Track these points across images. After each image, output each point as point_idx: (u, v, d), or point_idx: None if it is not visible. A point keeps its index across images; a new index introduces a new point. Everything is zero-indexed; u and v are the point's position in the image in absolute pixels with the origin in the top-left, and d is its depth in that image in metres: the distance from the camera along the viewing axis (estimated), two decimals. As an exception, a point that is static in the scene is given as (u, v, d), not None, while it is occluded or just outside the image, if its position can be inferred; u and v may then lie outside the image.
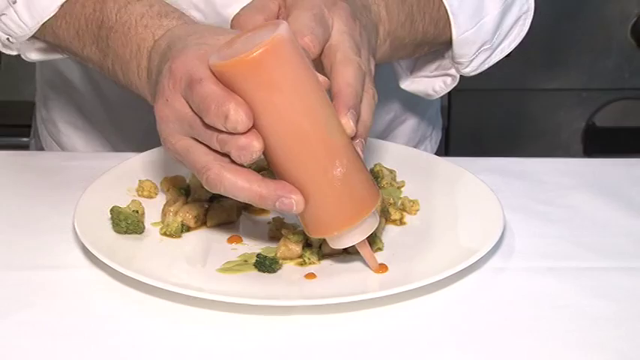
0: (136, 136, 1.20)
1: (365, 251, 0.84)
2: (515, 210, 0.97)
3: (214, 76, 0.77)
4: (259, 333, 0.80)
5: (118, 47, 0.92)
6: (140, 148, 1.05)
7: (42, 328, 0.80)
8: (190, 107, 0.79)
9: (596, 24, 2.29)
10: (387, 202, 0.95)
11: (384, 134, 1.25)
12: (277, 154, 0.79)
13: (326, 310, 0.81)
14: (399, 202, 0.97)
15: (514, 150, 2.36)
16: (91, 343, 0.78)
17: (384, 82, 1.21)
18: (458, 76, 1.09)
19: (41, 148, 1.31)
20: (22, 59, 1.06)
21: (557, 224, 0.96)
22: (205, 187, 0.80)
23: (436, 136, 1.35)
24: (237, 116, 0.76)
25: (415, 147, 1.27)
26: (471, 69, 1.07)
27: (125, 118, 1.21)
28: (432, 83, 1.12)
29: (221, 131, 0.77)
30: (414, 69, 1.12)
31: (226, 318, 0.81)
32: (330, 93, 0.81)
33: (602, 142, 2.41)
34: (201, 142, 0.80)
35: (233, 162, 0.79)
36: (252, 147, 0.77)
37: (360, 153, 0.82)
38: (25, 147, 1.41)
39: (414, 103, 1.27)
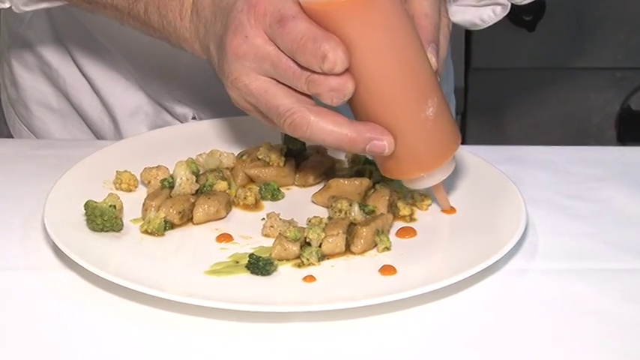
0: (122, 117, 1.21)
1: (440, 193, 0.93)
2: (538, 205, 0.98)
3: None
4: (252, 342, 0.80)
5: None
6: (126, 131, 1.06)
7: (8, 336, 0.80)
8: (275, 45, 0.83)
9: (632, -6, 2.29)
10: (395, 196, 0.96)
11: None
12: (368, 95, 0.85)
13: (326, 317, 0.82)
14: (409, 197, 0.98)
15: (538, 137, 2.37)
16: (62, 352, 0.79)
17: None
18: (509, 4, 1.13)
19: (8, 135, 1.32)
20: None
21: (585, 221, 0.97)
22: (286, 131, 0.85)
23: None
24: (336, 56, 0.80)
25: None
26: None
27: (110, 97, 1.22)
28: (479, 12, 1.15)
29: (312, 71, 0.81)
30: None
31: (215, 326, 0.82)
32: None
33: (637, 128, 2.41)
34: (281, 83, 0.84)
35: (316, 105, 0.84)
36: (346, 88, 0.82)
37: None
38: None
39: None
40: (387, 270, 0.87)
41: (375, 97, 0.85)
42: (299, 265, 0.88)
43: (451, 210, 0.94)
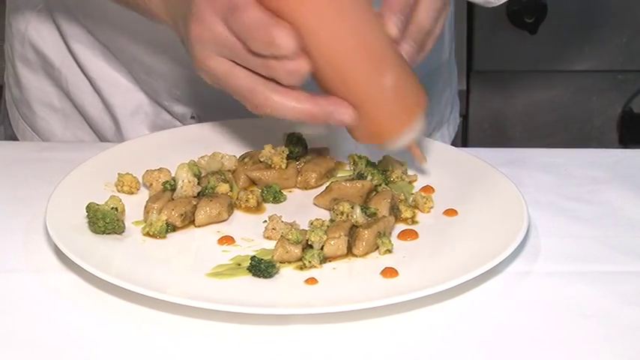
0: (122, 117, 1.21)
1: (414, 150, 0.96)
2: (540, 207, 0.98)
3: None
4: (254, 345, 0.80)
5: None
6: (126, 131, 1.06)
7: (9, 338, 0.80)
8: (231, 31, 0.85)
9: (634, -3, 2.29)
10: (397, 199, 0.96)
11: None
12: (326, 71, 0.87)
13: (328, 319, 0.82)
14: (411, 199, 0.98)
15: (540, 140, 2.36)
16: (63, 354, 0.79)
17: None
18: None
19: (12, 136, 1.32)
20: None
21: (587, 223, 0.97)
22: (251, 111, 0.87)
23: (454, 121, 1.36)
24: (285, 42, 0.83)
25: (431, 134, 1.28)
26: None
27: (111, 97, 1.22)
28: None
29: (267, 56, 0.84)
30: None
31: (217, 328, 0.81)
32: None
33: (639, 131, 2.41)
34: (242, 65, 0.86)
35: (279, 82, 0.86)
36: (301, 69, 0.85)
37: (407, 56, 0.91)
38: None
39: (429, 82, 1.28)
40: (389, 272, 0.87)
41: (331, 73, 0.88)
42: (301, 268, 0.88)
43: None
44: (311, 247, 0.89)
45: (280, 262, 0.88)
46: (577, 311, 0.84)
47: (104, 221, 0.90)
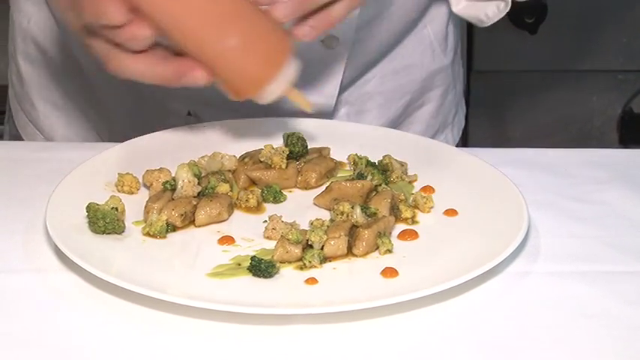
0: (120, 114, 1.21)
1: (293, 97, 0.95)
2: (541, 207, 0.98)
3: None
4: (254, 345, 0.80)
5: None
6: (124, 131, 1.06)
7: (10, 338, 0.80)
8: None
9: (634, -3, 2.29)
10: (397, 199, 0.96)
11: (399, 121, 1.26)
12: (170, 33, 0.88)
13: (329, 319, 0.82)
14: (411, 199, 0.97)
15: (540, 140, 2.37)
16: (64, 354, 0.79)
17: (398, 60, 1.23)
18: (510, 0, 1.14)
19: (16, 135, 1.32)
20: None
21: (588, 223, 0.97)
22: (113, 74, 0.90)
23: (459, 124, 1.37)
24: (111, 12, 0.84)
25: (434, 136, 1.28)
26: None
27: (108, 94, 1.22)
28: (484, 8, 1.17)
29: (106, 25, 0.86)
30: None
31: (217, 328, 0.81)
32: None
33: (639, 131, 2.42)
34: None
35: None
36: (140, 36, 0.87)
37: (281, 14, 0.90)
38: (-1, 136, 1.42)
39: (433, 85, 1.28)
40: (389, 272, 0.87)
41: (175, 36, 0.88)
42: (301, 268, 0.88)
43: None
44: (311, 247, 0.89)
45: (280, 262, 0.88)
46: (577, 311, 0.84)
47: (104, 221, 0.90)
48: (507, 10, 1.15)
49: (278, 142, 1.04)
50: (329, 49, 1.13)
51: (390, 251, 0.90)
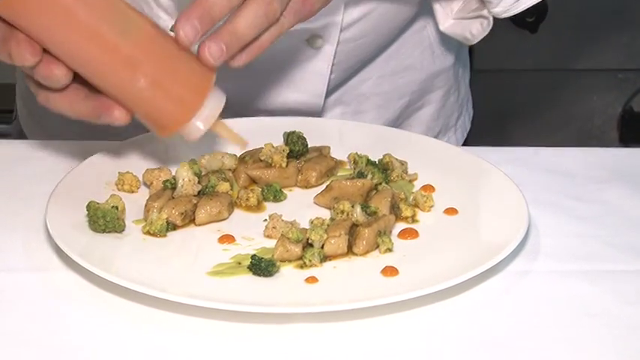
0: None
1: (223, 134, 0.92)
2: (541, 206, 0.98)
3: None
4: (254, 343, 0.80)
5: None
6: (124, 130, 1.05)
7: (10, 336, 0.80)
8: None
9: (634, -4, 2.29)
10: (397, 198, 0.96)
11: (397, 122, 1.26)
12: (83, 74, 0.86)
13: (329, 318, 0.82)
14: (411, 198, 0.97)
15: (540, 139, 2.37)
16: (64, 353, 0.79)
17: (396, 61, 1.23)
18: (491, 18, 1.14)
19: (21, 131, 1.32)
20: None
21: (588, 222, 0.97)
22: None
23: (463, 127, 1.36)
24: (20, 55, 0.83)
25: (435, 138, 1.28)
26: (502, 9, 1.12)
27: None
28: (469, 26, 1.17)
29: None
30: (455, 9, 1.17)
31: (217, 327, 0.81)
32: None
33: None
34: None
35: None
36: (54, 76, 0.85)
37: (210, 58, 0.86)
38: (7, 135, 1.42)
39: (433, 86, 1.28)
40: (389, 271, 0.87)
41: (87, 75, 0.87)
42: (301, 267, 0.88)
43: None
44: (311, 245, 0.89)
45: (280, 261, 0.88)
46: (578, 310, 0.84)
47: (104, 220, 0.90)
48: (490, 28, 1.16)
49: (278, 140, 1.04)
50: (314, 48, 1.13)
51: (390, 250, 0.90)
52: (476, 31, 1.17)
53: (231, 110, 1.09)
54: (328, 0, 0.93)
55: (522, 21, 2.25)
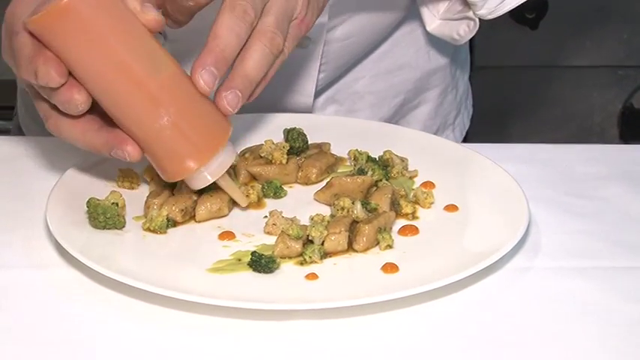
0: None
1: (227, 189, 0.92)
2: (541, 203, 0.98)
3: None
4: (254, 340, 0.80)
5: None
6: None
7: (10, 334, 0.80)
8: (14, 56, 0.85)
9: (634, -8, 2.29)
10: (397, 194, 0.96)
11: (393, 121, 1.26)
12: (104, 103, 0.85)
13: (329, 314, 0.82)
14: (411, 194, 0.97)
15: (540, 135, 2.37)
16: (64, 349, 0.79)
17: (390, 60, 1.23)
18: (477, 19, 1.14)
19: (20, 128, 1.32)
20: None
21: (588, 219, 0.97)
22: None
23: (461, 125, 1.36)
24: (47, 74, 0.82)
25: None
26: (487, 11, 1.12)
27: None
28: (456, 26, 1.17)
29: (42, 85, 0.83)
30: (442, 10, 1.17)
31: (218, 323, 0.82)
32: None
33: (640, 126, 2.42)
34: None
35: None
36: (74, 100, 0.83)
37: (229, 107, 0.86)
38: (7, 132, 1.42)
39: (429, 85, 1.28)
40: (389, 268, 0.87)
41: (108, 107, 0.85)
42: (301, 263, 0.88)
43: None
44: (311, 242, 0.89)
45: (281, 258, 0.88)
46: (578, 307, 0.84)
47: (105, 216, 0.90)
48: (477, 29, 1.15)
49: (278, 137, 1.04)
50: (302, 48, 1.13)
51: (390, 247, 0.90)
52: (463, 32, 1.17)
53: (242, 108, 1.09)
54: (320, 11, 0.93)
55: (523, 17, 2.25)
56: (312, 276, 0.86)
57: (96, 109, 0.86)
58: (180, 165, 0.88)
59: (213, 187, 0.95)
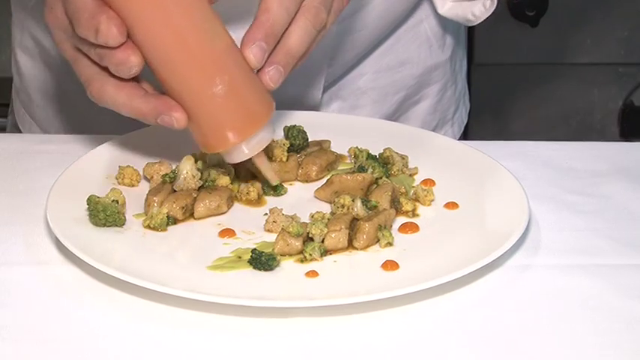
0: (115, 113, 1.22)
1: (261, 166, 0.93)
2: (541, 200, 0.98)
3: None
4: (254, 338, 0.80)
5: None
6: (120, 121, 1.05)
7: (11, 331, 0.80)
8: (67, 16, 0.85)
9: (635, -11, 2.29)
10: (398, 192, 0.96)
11: (394, 117, 1.26)
12: (158, 68, 0.86)
13: (329, 312, 0.82)
14: (412, 192, 0.97)
15: (540, 133, 2.37)
16: (64, 347, 0.79)
17: (392, 56, 1.23)
18: None
19: (16, 126, 1.32)
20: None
21: (589, 216, 0.97)
22: (92, 100, 0.88)
23: (460, 121, 1.36)
24: (108, 30, 0.82)
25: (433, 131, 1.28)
26: None
27: None
28: (471, 7, 1.15)
29: (98, 45, 0.83)
30: None
31: (217, 321, 0.82)
32: None
33: (640, 124, 2.42)
34: (85, 53, 0.86)
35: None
36: (129, 62, 0.84)
37: (271, 82, 0.87)
38: (2, 129, 1.42)
39: (430, 80, 1.28)
40: (390, 265, 0.87)
41: (162, 70, 0.86)
42: (301, 261, 0.88)
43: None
44: (312, 239, 0.89)
45: (281, 255, 0.88)
46: (578, 304, 0.84)
47: (105, 214, 0.90)
48: (494, 8, 1.14)
49: (279, 134, 1.04)
50: None
51: (390, 244, 0.90)
52: (478, 11, 1.16)
53: None
54: None
55: (523, 14, 2.25)
56: (313, 273, 0.86)
57: (139, 79, 0.87)
58: (222, 136, 0.89)
59: (213, 185, 0.96)
